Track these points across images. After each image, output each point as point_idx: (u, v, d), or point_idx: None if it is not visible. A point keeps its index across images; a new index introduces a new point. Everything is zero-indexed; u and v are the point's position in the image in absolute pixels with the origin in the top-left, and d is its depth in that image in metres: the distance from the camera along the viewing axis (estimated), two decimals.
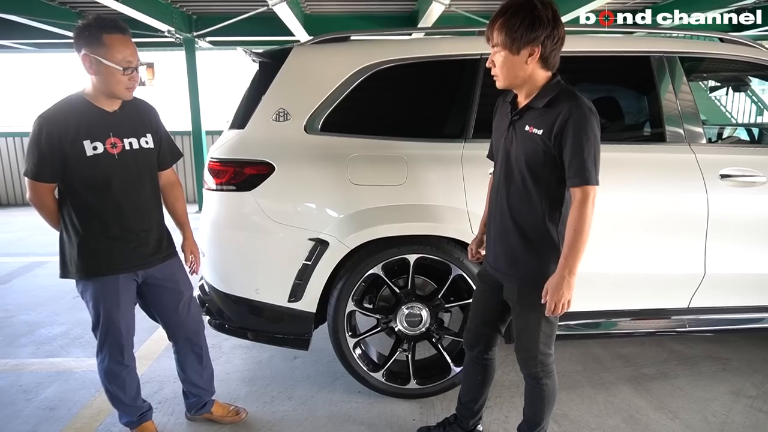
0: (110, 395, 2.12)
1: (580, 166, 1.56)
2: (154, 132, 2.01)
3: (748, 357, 2.92)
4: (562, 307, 1.62)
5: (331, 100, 2.40)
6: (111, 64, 1.76)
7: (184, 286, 2.14)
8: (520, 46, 1.57)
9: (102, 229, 1.89)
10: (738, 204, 2.45)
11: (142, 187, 1.96)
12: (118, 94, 1.84)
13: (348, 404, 2.49)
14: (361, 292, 2.45)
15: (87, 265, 1.90)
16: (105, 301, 1.93)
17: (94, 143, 1.83)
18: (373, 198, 2.33)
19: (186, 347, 2.21)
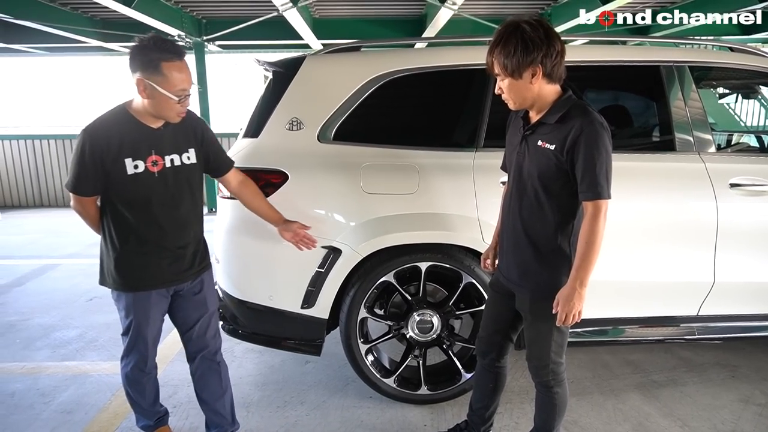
0: (130, 399, 2.15)
1: (592, 181, 1.59)
2: (198, 146, 1.97)
3: (757, 364, 2.93)
4: (572, 318, 1.65)
5: (344, 109, 2.44)
6: (167, 94, 1.74)
7: (210, 300, 2.11)
8: (521, 70, 1.61)
9: (139, 245, 1.89)
10: (748, 213, 2.46)
11: (181, 203, 1.94)
12: (167, 119, 1.83)
13: (360, 409, 2.53)
14: (373, 299, 2.48)
15: (122, 279, 1.91)
16: (136, 314, 1.95)
17: (135, 161, 1.81)
18: (385, 206, 2.36)
19: (203, 365, 2.14)
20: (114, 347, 3.23)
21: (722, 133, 4.18)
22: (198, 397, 2.19)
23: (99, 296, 4.09)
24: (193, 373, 2.17)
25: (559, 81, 1.67)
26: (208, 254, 2.11)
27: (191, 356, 2.15)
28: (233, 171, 2.14)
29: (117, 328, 3.48)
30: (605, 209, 1.61)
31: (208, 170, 2.07)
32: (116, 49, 8.91)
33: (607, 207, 1.62)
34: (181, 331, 2.13)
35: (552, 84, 1.66)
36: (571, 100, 1.67)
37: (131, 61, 1.74)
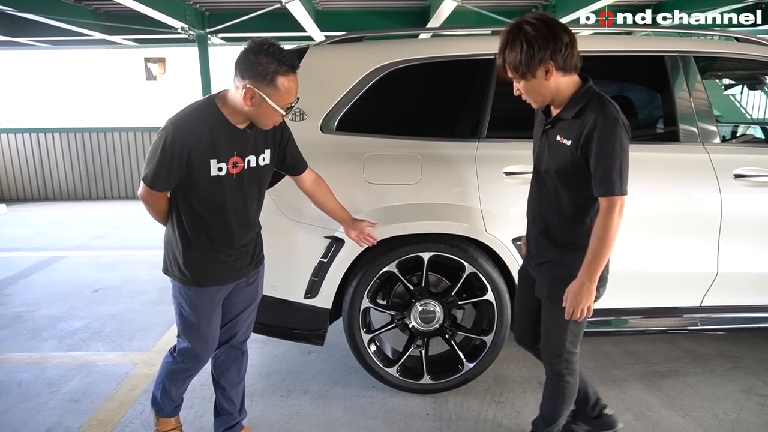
0: (163, 389, 2.11)
1: (604, 176, 1.58)
2: (275, 146, 1.93)
3: (760, 356, 2.93)
4: (581, 313, 1.66)
5: (347, 100, 2.44)
6: (276, 108, 1.67)
7: (260, 291, 2.12)
8: (533, 70, 1.61)
9: (209, 242, 1.86)
10: (752, 204, 2.46)
11: (252, 204, 1.92)
12: (262, 126, 1.77)
13: (363, 399, 2.54)
14: (375, 289, 2.49)
15: (190, 274, 1.87)
16: (200, 311, 1.92)
17: (219, 164, 1.75)
18: (387, 196, 2.37)
19: (231, 353, 2.12)
20: (119, 338, 3.26)
21: (727, 125, 4.16)
22: (215, 382, 2.18)
23: (104, 287, 4.12)
24: (216, 357, 2.14)
25: (575, 70, 1.66)
26: (262, 247, 2.10)
27: (221, 342, 2.10)
28: (308, 170, 2.11)
29: (122, 318, 3.55)
30: (620, 206, 1.59)
31: (284, 169, 2.04)
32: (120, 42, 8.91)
33: (622, 204, 1.59)
34: (225, 318, 2.06)
35: (568, 75, 1.65)
36: (588, 93, 1.66)
37: (242, 66, 1.64)
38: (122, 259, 4.86)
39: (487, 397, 2.54)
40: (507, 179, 2.38)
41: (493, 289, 2.41)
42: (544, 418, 2.01)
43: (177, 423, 2.22)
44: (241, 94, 1.66)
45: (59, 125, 8.78)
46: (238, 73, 1.66)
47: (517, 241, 2.38)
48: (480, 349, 2.52)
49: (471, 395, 2.55)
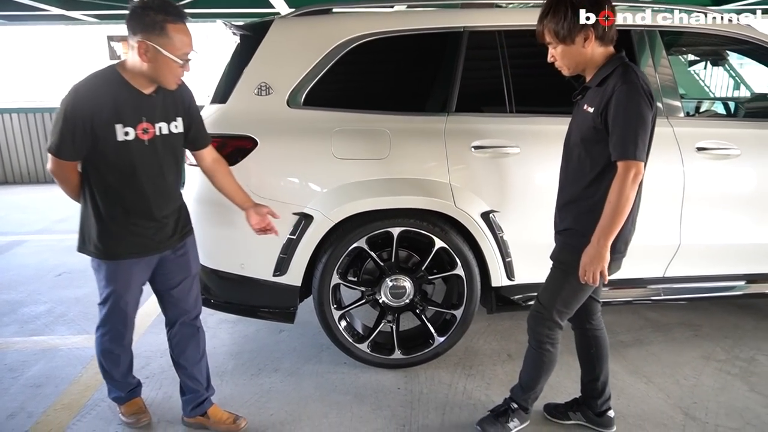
0: (103, 370, 2.11)
1: (620, 140, 1.58)
2: (185, 115, 1.90)
3: (719, 323, 3.04)
4: (593, 278, 1.67)
5: (314, 73, 2.39)
6: (172, 57, 1.67)
7: (193, 264, 2.08)
8: (573, 35, 1.63)
9: (124, 214, 1.83)
10: (713, 176, 2.52)
11: (168, 173, 1.89)
12: (165, 84, 1.75)
13: (334, 375, 2.55)
14: (345, 265, 2.48)
15: (105, 248, 1.84)
16: (117, 283, 1.90)
17: (126, 128, 1.73)
18: (356, 172, 2.34)
19: (185, 331, 2.10)
20: (84, 321, 3.18)
21: (691, 101, 4.25)
22: (175, 362, 2.16)
23: (68, 271, 4.00)
24: (171, 338, 2.13)
25: (611, 42, 1.67)
26: (189, 219, 2.07)
27: (171, 321, 2.10)
28: (209, 148, 2.07)
29: (87, 302, 3.46)
30: (635, 171, 1.58)
31: (186, 142, 1.98)
32: (80, 18, 8.54)
33: (638, 170, 1.59)
34: (161, 294, 2.06)
35: (604, 46, 1.67)
36: (617, 62, 1.66)
37: (132, 22, 1.65)
38: None
39: (458, 370, 2.57)
40: (476, 153, 2.37)
41: (462, 263, 2.42)
42: (521, 384, 2.05)
43: (141, 403, 2.20)
44: (136, 50, 1.66)
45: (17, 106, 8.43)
46: (130, 31, 1.67)
47: (486, 215, 2.39)
48: (450, 323, 2.54)
49: (442, 368, 2.58)
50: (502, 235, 2.43)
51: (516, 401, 2.06)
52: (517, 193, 2.43)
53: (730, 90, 7.16)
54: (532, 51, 2.61)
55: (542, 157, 2.39)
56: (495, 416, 2.08)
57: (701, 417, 2.19)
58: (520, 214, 2.43)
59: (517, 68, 2.48)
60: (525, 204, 2.43)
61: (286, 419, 2.22)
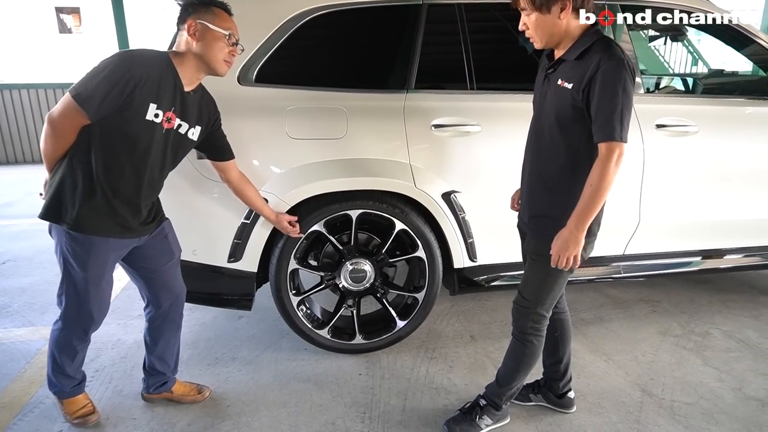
0: (54, 364, 1.99)
1: (605, 121, 1.50)
2: (205, 126, 1.93)
3: (676, 299, 3.10)
4: (567, 262, 1.61)
5: (266, 48, 2.26)
6: (217, 29, 1.75)
7: (175, 247, 2.04)
8: (549, 4, 1.52)
9: (115, 193, 1.77)
10: (672, 153, 2.52)
11: (166, 168, 1.89)
12: (216, 63, 1.79)
13: (294, 362, 2.48)
14: (303, 249, 2.40)
15: (87, 222, 1.75)
16: (93, 264, 1.80)
17: (157, 110, 1.73)
18: (312, 152, 2.25)
19: (167, 314, 2.06)
20: (29, 312, 3.01)
21: (650, 77, 4.27)
22: (149, 345, 2.12)
23: (13, 259, 3.78)
24: (152, 320, 2.07)
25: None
26: (161, 207, 2.01)
27: (155, 303, 2.04)
28: (233, 163, 2.08)
29: (33, 291, 3.28)
30: (619, 153, 1.51)
31: (210, 154, 2.04)
32: None
33: (621, 152, 1.52)
34: (148, 277, 1.99)
35: (580, 20, 1.57)
36: (596, 35, 1.57)
37: (185, 11, 1.77)
38: (35, 228, 4.46)
39: (420, 354, 2.54)
40: (436, 132, 2.31)
41: (423, 245, 2.37)
42: (497, 379, 1.96)
43: (86, 400, 2.08)
44: (186, 32, 1.76)
45: None
46: (180, 23, 1.78)
47: (447, 195, 2.33)
48: (412, 306, 2.49)
49: (404, 352, 2.54)
50: (463, 215, 2.38)
51: (486, 397, 1.99)
52: (478, 172, 2.38)
53: (689, 66, 7.29)
54: (494, 25, 2.58)
55: (504, 136, 2.35)
56: (463, 414, 2.01)
57: (658, 393, 2.22)
58: (481, 194, 2.39)
59: (478, 43, 2.41)
60: (487, 184, 2.38)
61: (243, 410, 2.14)
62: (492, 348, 2.58)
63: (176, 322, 2.12)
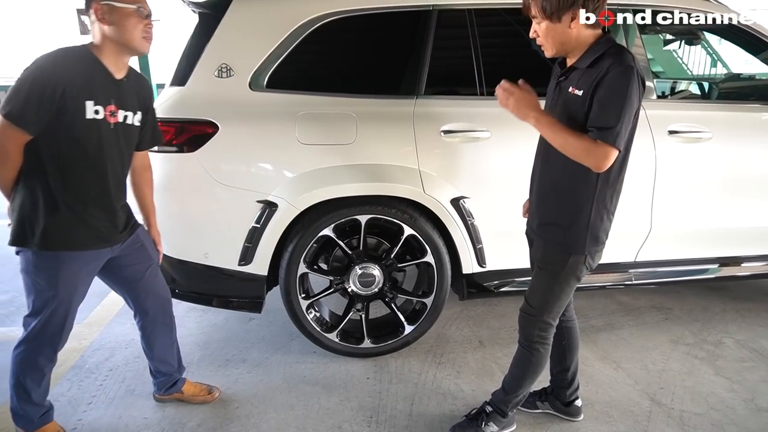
0: (19, 390, 1.88)
1: (602, 121, 1.48)
2: (144, 111, 1.88)
3: (689, 306, 3.06)
4: (500, 97, 1.62)
5: (277, 54, 2.29)
6: (124, 5, 1.65)
7: (152, 252, 2.03)
8: (560, 13, 1.52)
9: (78, 201, 1.73)
10: (684, 160, 2.49)
11: (126, 163, 1.87)
12: (134, 42, 1.69)
13: (303, 365, 2.50)
14: (313, 253, 2.42)
15: (54, 237, 1.71)
16: (62, 283, 1.75)
17: (96, 106, 1.67)
18: (322, 158, 2.27)
19: (156, 319, 2.07)
20: None
21: (666, 81, 4.22)
22: (147, 351, 2.14)
23: None
24: (144, 327, 2.09)
25: (599, 26, 1.57)
26: (132, 212, 1.99)
27: (142, 310, 2.05)
28: (145, 153, 2.04)
29: None
30: (604, 155, 1.48)
31: (144, 139, 1.97)
32: None
33: (609, 156, 1.49)
34: (131, 286, 1.99)
35: (592, 28, 1.56)
36: (608, 43, 1.56)
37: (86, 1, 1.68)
38: None
39: (428, 358, 2.55)
40: (445, 138, 2.31)
41: (432, 250, 2.38)
42: (504, 386, 1.96)
43: (56, 428, 2.00)
44: (95, 19, 1.66)
45: None
46: (87, 8, 1.68)
47: (456, 201, 2.34)
48: (420, 311, 2.50)
49: (412, 357, 2.55)
50: (472, 221, 2.39)
51: (492, 404, 1.99)
52: (488, 178, 2.38)
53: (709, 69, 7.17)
54: (504, 31, 2.58)
55: (513, 142, 2.34)
56: (469, 420, 2.01)
57: (667, 403, 2.20)
58: (491, 200, 2.39)
59: (488, 49, 2.41)
60: (496, 189, 2.38)
61: (252, 412, 2.17)
62: (500, 354, 2.58)
63: (168, 324, 2.12)
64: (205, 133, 2.23)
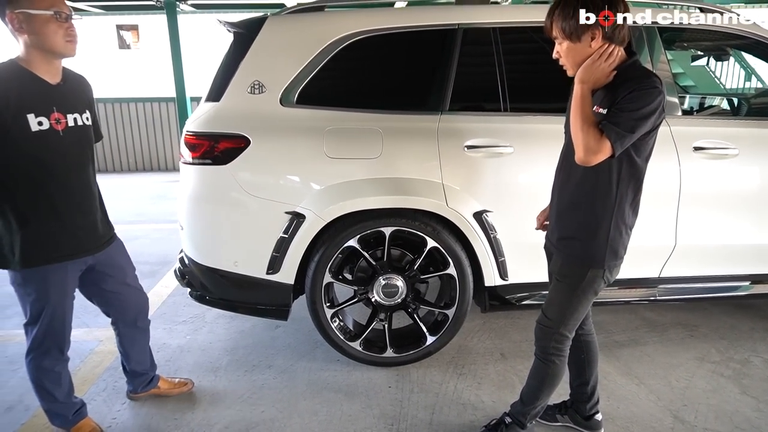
0: (43, 394, 1.99)
1: (614, 119, 1.50)
2: (90, 109, 1.90)
3: (715, 324, 3.01)
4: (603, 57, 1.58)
5: (307, 72, 2.38)
6: (40, 12, 1.61)
7: (128, 265, 2.10)
8: (579, 33, 1.56)
9: (49, 212, 1.76)
10: (709, 176, 2.48)
11: (87, 166, 1.87)
12: (58, 47, 1.68)
13: (326, 372, 2.57)
14: (338, 264, 2.49)
15: (34, 253, 1.75)
16: (51, 293, 1.82)
17: (38, 117, 1.68)
18: (348, 171, 2.34)
19: (134, 325, 2.16)
20: (84, 314, 3.21)
21: (694, 96, 4.18)
22: (122, 352, 2.25)
23: None
24: (121, 333, 2.18)
25: (621, 43, 1.60)
26: (111, 223, 2.05)
27: (120, 318, 2.14)
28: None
29: None
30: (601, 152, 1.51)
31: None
32: (86, 9, 8.58)
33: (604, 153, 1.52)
34: (110, 298, 2.08)
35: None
36: (634, 66, 1.59)
37: (1, 9, 1.64)
38: None
39: (450, 369, 2.58)
40: (469, 153, 2.36)
41: (455, 263, 2.42)
42: (522, 398, 2.00)
43: (93, 424, 2.12)
44: (14, 30, 1.65)
45: None
46: (3, 20, 1.66)
47: (479, 215, 2.38)
48: (442, 323, 2.54)
49: (434, 367, 2.59)
50: (495, 234, 2.42)
51: (511, 415, 2.03)
52: (510, 192, 2.42)
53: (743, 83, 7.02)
54: (528, 48, 2.63)
55: (536, 157, 2.38)
56: (488, 430, 2.04)
57: (690, 420, 2.19)
58: (513, 214, 2.42)
59: (511, 66, 2.46)
60: (518, 204, 2.41)
61: (277, 416, 2.24)
62: (522, 367, 2.59)
63: (144, 328, 2.23)
64: (238, 146, 2.33)
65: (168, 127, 8.21)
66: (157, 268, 4.03)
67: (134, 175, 8.04)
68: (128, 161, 8.31)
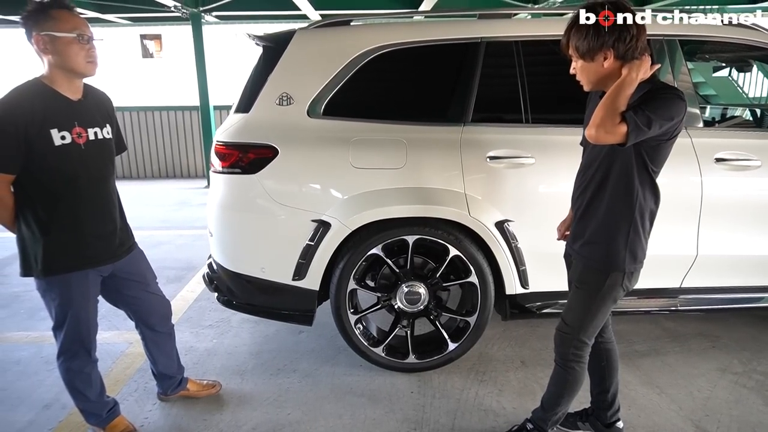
0: (76, 394, 2.08)
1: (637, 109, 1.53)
2: (111, 123, 2.00)
3: (737, 335, 3.00)
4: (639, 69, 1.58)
5: (333, 84, 2.46)
6: (63, 34, 1.71)
7: (148, 272, 2.19)
8: (592, 54, 1.62)
9: (72, 223, 1.85)
10: (731, 187, 2.50)
11: (108, 177, 1.96)
12: (79, 68, 1.78)
13: (349, 377, 2.62)
14: (362, 271, 2.55)
15: (56, 261, 1.84)
16: (74, 299, 1.90)
17: (61, 132, 1.77)
18: (373, 181, 2.41)
19: (158, 330, 2.24)
20: (114, 317, 3.32)
21: (716, 107, 4.17)
22: (150, 357, 2.33)
23: None
24: (146, 338, 2.27)
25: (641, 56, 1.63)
26: (132, 233, 2.14)
27: (145, 324, 2.22)
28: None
29: None
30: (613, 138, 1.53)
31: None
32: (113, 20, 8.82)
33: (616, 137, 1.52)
34: (132, 304, 2.16)
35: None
36: (653, 82, 1.64)
37: (25, 27, 1.74)
38: None
39: (471, 376, 2.62)
40: (491, 164, 2.41)
41: (476, 271, 2.47)
42: (543, 404, 2.04)
43: (126, 422, 2.20)
44: (39, 50, 1.74)
45: None
46: (27, 38, 1.75)
47: (500, 224, 2.43)
48: (464, 330, 2.58)
49: (455, 373, 2.63)
50: (516, 243, 2.46)
51: (533, 421, 2.07)
52: (531, 202, 2.47)
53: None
54: (549, 60, 2.67)
55: (557, 167, 2.42)
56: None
57: (712, 430, 2.19)
58: (534, 224, 2.46)
59: (533, 78, 2.51)
60: (539, 213, 2.45)
61: (302, 419, 2.30)
62: (542, 374, 2.62)
63: (169, 333, 2.30)
64: (266, 156, 2.41)
65: (192, 135, 8.38)
66: (182, 273, 4.13)
67: (158, 182, 8.22)
68: (152, 168, 8.50)
